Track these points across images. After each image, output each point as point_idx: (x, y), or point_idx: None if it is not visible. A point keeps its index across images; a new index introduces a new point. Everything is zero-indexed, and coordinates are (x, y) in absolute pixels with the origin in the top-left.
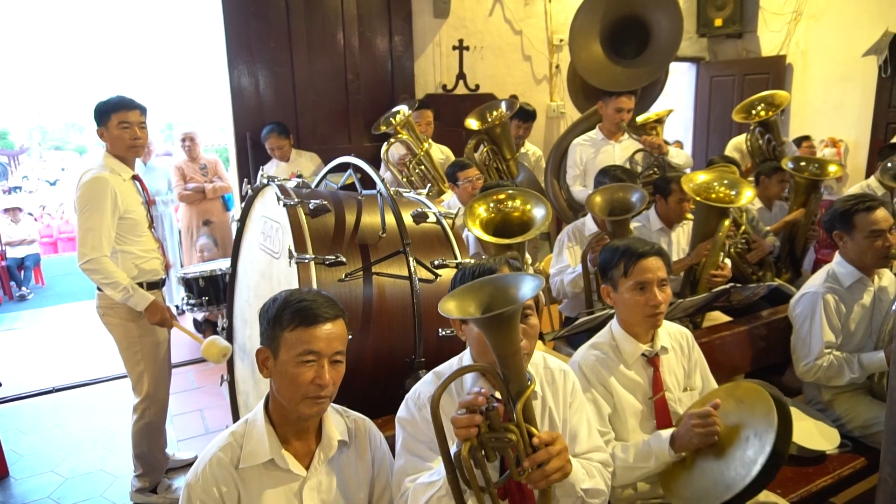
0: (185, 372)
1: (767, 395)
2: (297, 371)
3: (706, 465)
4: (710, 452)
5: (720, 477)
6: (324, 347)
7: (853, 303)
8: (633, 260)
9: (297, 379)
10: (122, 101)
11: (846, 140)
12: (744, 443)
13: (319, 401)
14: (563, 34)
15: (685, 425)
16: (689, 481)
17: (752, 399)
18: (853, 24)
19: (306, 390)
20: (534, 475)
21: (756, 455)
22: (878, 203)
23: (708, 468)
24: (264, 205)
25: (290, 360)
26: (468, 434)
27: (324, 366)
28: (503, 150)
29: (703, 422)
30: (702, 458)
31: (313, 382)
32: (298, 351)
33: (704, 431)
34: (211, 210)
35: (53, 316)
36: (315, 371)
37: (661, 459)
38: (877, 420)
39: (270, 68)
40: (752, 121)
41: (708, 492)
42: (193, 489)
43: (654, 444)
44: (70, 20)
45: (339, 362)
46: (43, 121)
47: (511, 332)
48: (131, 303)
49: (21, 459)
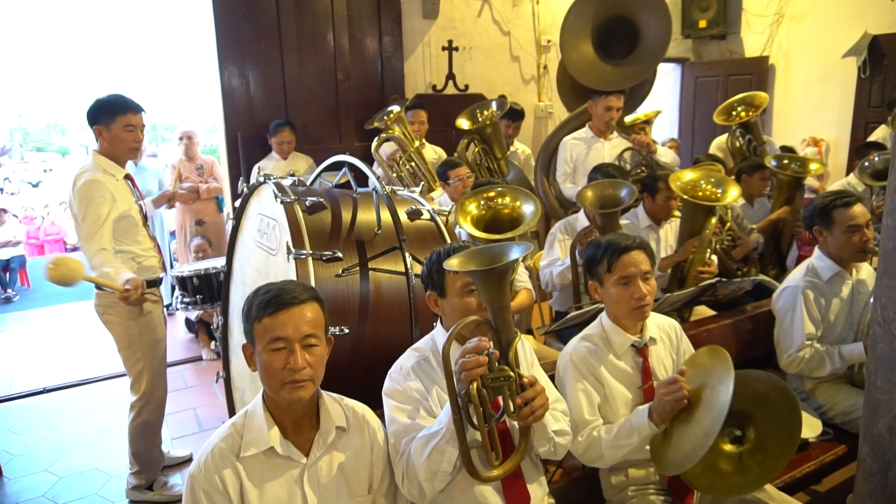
0: (178, 371)
1: (721, 349)
2: (269, 359)
3: (685, 427)
4: (684, 417)
5: (698, 430)
6: (291, 332)
7: (832, 296)
8: (616, 255)
9: (271, 367)
10: (127, 102)
11: (827, 139)
12: (710, 393)
13: (298, 385)
14: (551, 35)
15: (656, 396)
16: (674, 447)
17: (710, 358)
18: (833, 26)
19: (281, 377)
20: (524, 411)
21: (722, 395)
22: (855, 199)
23: (687, 429)
24: (260, 202)
25: (262, 350)
26: (475, 374)
27: (294, 350)
28: (494, 149)
29: (671, 388)
30: (679, 423)
31: (285, 368)
32: (267, 339)
33: (673, 397)
34: (205, 210)
35: (40, 318)
36: (285, 357)
37: (642, 433)
38: (856, 407)
39: (261, 68)
40: (733, 122)
41: (693, 447)
42: (196, 479)
43: (634, 420)
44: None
45: (313, 345)
46: (24, 122)
47: (503, 287)
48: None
49: (14, 459)
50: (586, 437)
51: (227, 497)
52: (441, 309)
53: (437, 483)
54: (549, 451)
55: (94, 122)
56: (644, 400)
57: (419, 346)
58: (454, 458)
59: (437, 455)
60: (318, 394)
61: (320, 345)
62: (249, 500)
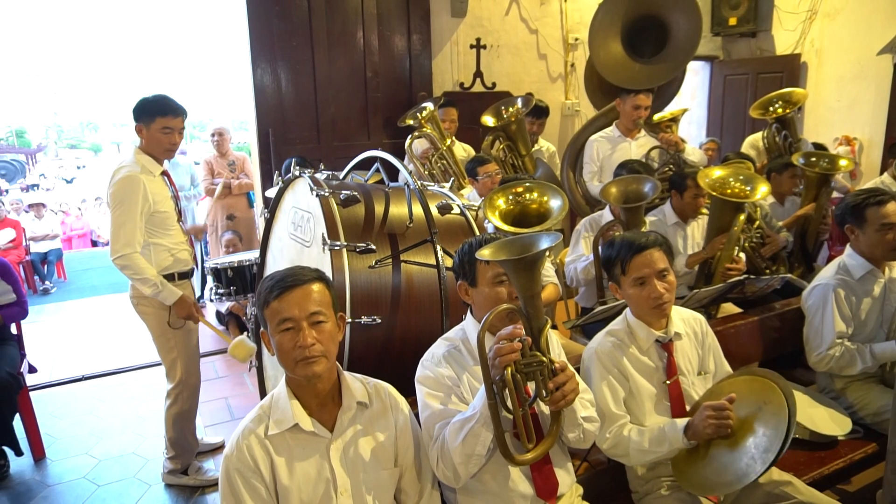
0: (210, 362)
1: (779, 390)
2: (280, 340)
3: (718, 454)
4: (722, 443)
5: (731, 467)
6: (297, 312)
7: (864, 294)
8: (629, 257)
9: (283, 347)
10: (168, 105)
11: (860, 138)
12: (756, 436)
13: (310, 360)
14: (579, 33)
15: (700, 416)
16: (700, 468)
17: (764, 393)
18: (868, 23)
19: (294, 355)
20: (555, 395)
21: (768, 448)
22: (888, 197)
23: (720, 457)
24: (295, 196)
25: (274, 332)
26: (510, 360)
27: (302, 328)
28: (518, 146)
29: (718, 414)
30: (714, 447)
31: (296, 347)
32: (276, 322)
33: (718, 423)
34: (236, 206)
35: (76, 309)
36: (293, 336)
37: (674, 446)
38: (888, 407)
39: (292, 66)
40: (770, 117)
41: (718, 480)
42: (230, 460)
43: (668, 431)
44: (86, 20)
45: (320, 322)
46: (59, 119)
47: (534, 276)
48: (161, 297)
49: (56, 442)
50: (614, 435)
51: (259, 475)
52: (471, 298)
53: (471, 466)
54: (578, 437)
55: (137, 119)
56: (669, 396)
57: (450, 335)
58: (488, 441)
59: (472, 438)
60: (339, 372)
61: (328, 321)
62: (280, 476)
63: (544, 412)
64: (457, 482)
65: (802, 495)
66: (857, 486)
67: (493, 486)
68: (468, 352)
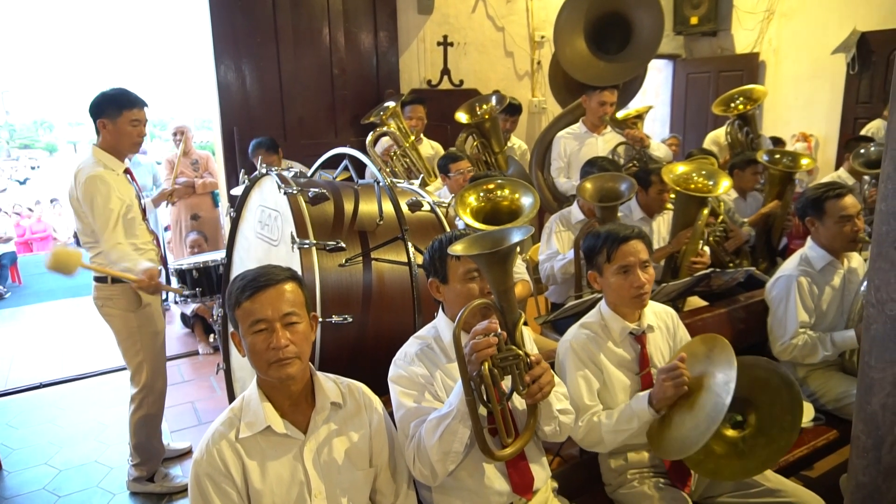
0: (175, 365)
1: (719, 337)
2: (253, 341)
3: (685, 414)
4: (684, 404)
5: (702, 413)
6: (270, 313)
7: (825, 284)
8: (616, 245)
9: (255, 349)
10: (133, 97)
11: (816, 135)
12: (714, 378)
13: (284, 363)
14: (545, 31)
15: (657, 382)
16: (673, 433)
17: (707, 344)
18: (823, 23)
19: (267, 357)
20: (532, 388)
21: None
22: (846, 190)
23: (686, 416)
24: (262, 194)
25: (246, 333)
26: (486, 355)
27: (275, 329)
28: (492, 143)
29: (672, 374)
30: (678, 410)
31: (269, 348)
32: (248, 322)
33: (675, 382)
34: (200, 205)
35: (32, 314)
36: (266, 337)
37: (642, 418)
38: (848, 393)
39: (257, 63)
40: (731, 113)
41: (691, 435)
42: (200, 465)
43: (634, 405)
44: (40, 17)
45: (294, 323)
46: (11, 119)
47: (507, 270)
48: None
49: (13, 453)
50: (586, 422)
51: (230, 479)
52: (443, 296)
53: (448, 463)
54: (554, 430)
55: (99, 115)
56: (642, 386)
57: (422, 333)
58: (466, 437)
59: (449, 435)
60: (312, 372)
61: (302, 322)
62: (252, 480)
63: (518, 408)
64: (434, 480)
65: (770, 482)
66: (819, 472)
67: (469, 483)
68: (441, 349)
